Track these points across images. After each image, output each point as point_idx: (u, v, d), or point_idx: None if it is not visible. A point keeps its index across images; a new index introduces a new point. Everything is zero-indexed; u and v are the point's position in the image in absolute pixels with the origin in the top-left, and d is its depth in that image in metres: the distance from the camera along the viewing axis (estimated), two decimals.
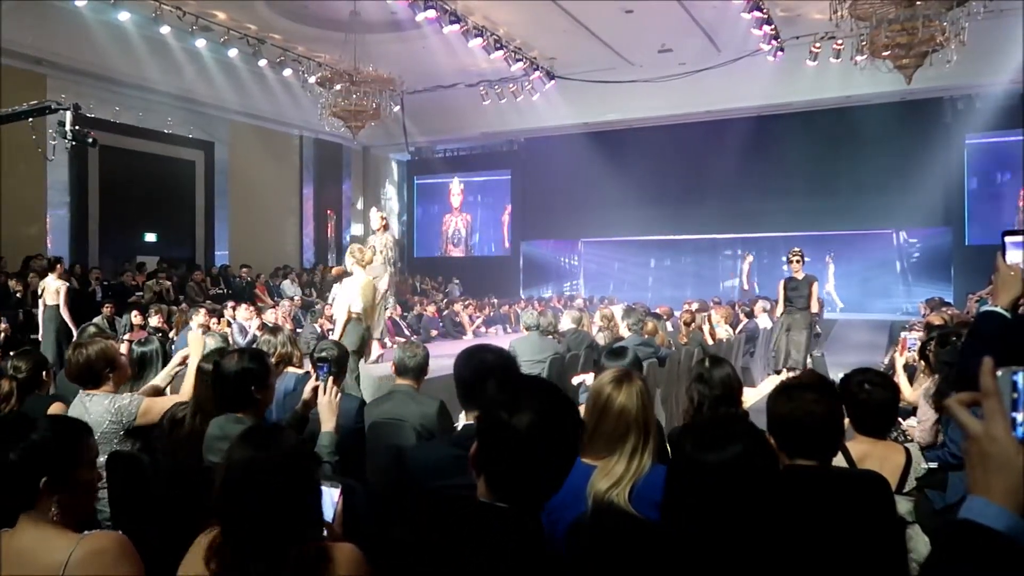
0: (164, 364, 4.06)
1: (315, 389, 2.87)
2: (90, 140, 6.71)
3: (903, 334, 7.75)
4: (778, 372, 8.92)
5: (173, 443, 3.02)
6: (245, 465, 1.65)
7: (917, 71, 10.42)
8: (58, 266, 10.04)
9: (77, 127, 6.49)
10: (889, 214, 16.16)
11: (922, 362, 5.22)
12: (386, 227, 8.98)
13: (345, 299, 6.85)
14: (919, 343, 4.87)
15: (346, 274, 7.52)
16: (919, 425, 4.20)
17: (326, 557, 1.63)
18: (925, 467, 2.77)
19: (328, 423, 2.80)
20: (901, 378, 4.80)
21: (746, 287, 18.24)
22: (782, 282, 9.27)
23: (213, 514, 1.68)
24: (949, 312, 8.88)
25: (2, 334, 9.27)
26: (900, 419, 4.64)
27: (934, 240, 17.10)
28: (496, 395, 1.52)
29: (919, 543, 2.47)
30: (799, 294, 8.89)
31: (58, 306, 9.31)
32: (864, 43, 10.42)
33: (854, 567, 2.02)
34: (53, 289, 9.32)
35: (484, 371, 2.62)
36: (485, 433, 1.52)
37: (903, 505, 2.37)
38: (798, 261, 8.95)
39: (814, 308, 9.09)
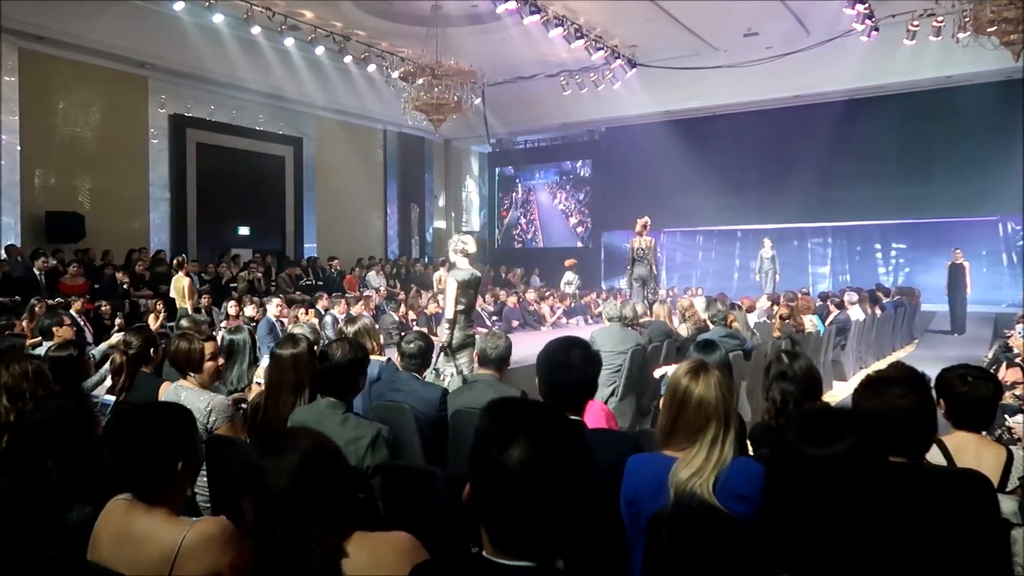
0: (253, 352, 4.32)
1: None
2: None
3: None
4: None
5: (254, 429, 3.16)
6: (263, 470, 1.60)
7: None
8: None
9: None
10: (993, 200, 15.17)
11: None
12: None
13: None
14: None
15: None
16: None
17: (363, 548, 1.57)
18: None
19: None
20: None
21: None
22: None
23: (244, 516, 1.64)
24: None
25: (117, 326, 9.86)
26: (1006, 416, 4.40)
27: None
28: (486, 426, 1.31)
29: None
30: None
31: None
32: (967, 19, 9.86)
33: (954, 569, 1.93)
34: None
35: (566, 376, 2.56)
36: (473, 474, 1.30)
37: (1007, 505, 2.24)
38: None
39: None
